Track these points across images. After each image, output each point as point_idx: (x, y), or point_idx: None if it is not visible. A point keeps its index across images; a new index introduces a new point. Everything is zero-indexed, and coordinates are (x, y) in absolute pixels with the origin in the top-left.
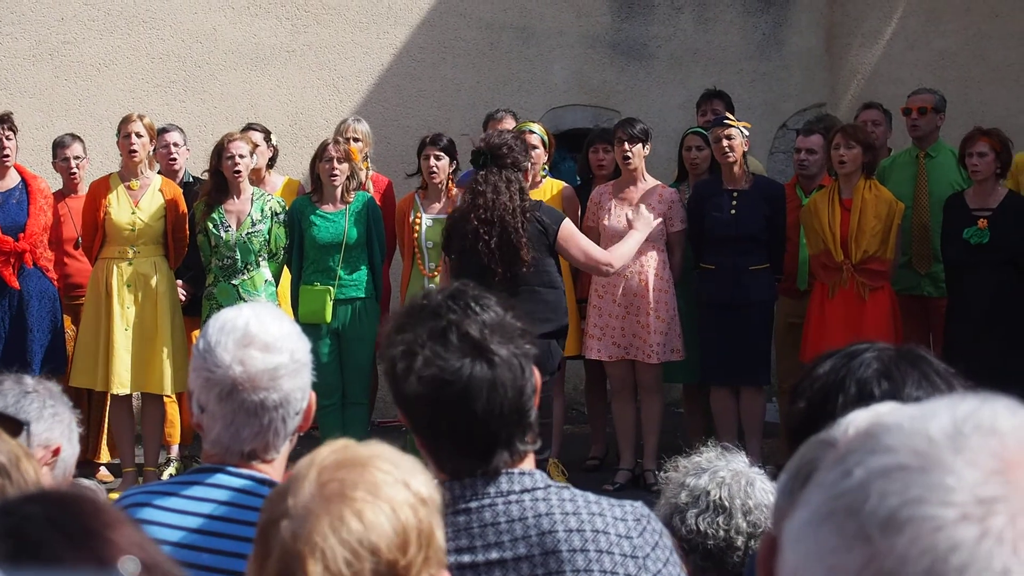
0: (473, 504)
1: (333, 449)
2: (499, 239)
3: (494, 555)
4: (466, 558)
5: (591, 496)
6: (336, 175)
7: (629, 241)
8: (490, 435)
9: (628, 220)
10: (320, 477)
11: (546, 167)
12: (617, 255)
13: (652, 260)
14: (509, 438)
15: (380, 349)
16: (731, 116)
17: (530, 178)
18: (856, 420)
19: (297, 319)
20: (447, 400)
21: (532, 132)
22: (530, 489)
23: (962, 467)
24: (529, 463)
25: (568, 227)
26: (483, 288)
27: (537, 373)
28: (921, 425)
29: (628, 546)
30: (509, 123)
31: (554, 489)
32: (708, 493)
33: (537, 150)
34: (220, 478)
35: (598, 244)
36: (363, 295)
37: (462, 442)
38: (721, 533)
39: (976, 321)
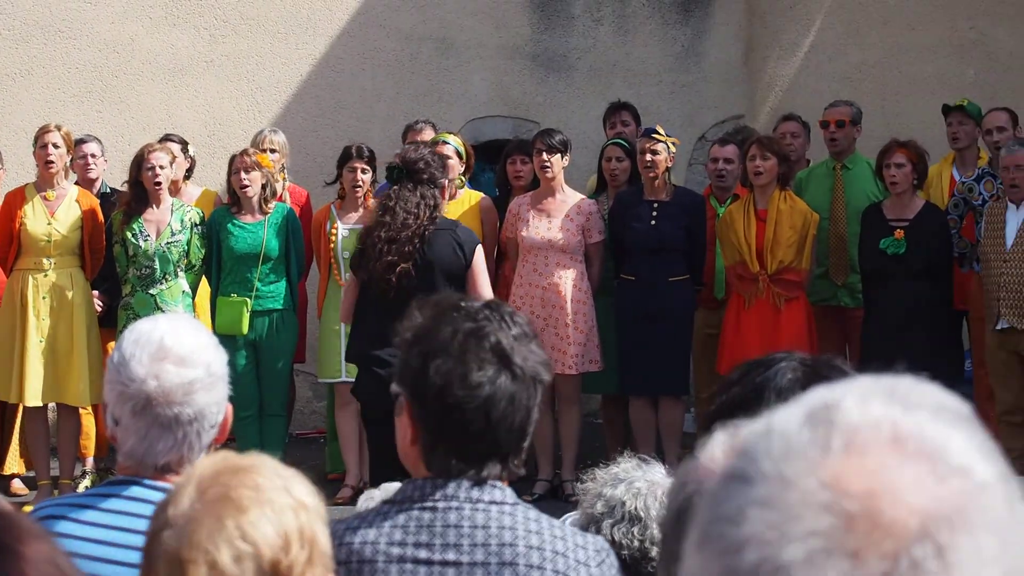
0: (440, 504)
1: (213, 460)
2: (399, 257)
3: (451, 556)
4: (423, 554)
5: (556, 522)
6: (247, 186)
7: None
8: (495, 444)
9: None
10: (200, 485)
11: (464, 178)
12: None
13: (571, 271)
14: (507, 453)
15: (400, 337)
16: (661, 130)
17: (447, 194)
18: (719, 440)
19: (214, 330)
20: (469, 401)
21: (446, 143)
22: (498, 502)
23: (776, 487)
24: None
25: (481, 255)
26: (384, 303)
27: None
28: (766, 433)
29: (585, 573)
30: (428, 134)
31: (522, 507)
32: (624, 503)
33: (451, 161)
34: (135, 491)
35: (516, 255)
36: (280, 307)
37: (466, 444)
38: (636, 543)
39: (892, 331)
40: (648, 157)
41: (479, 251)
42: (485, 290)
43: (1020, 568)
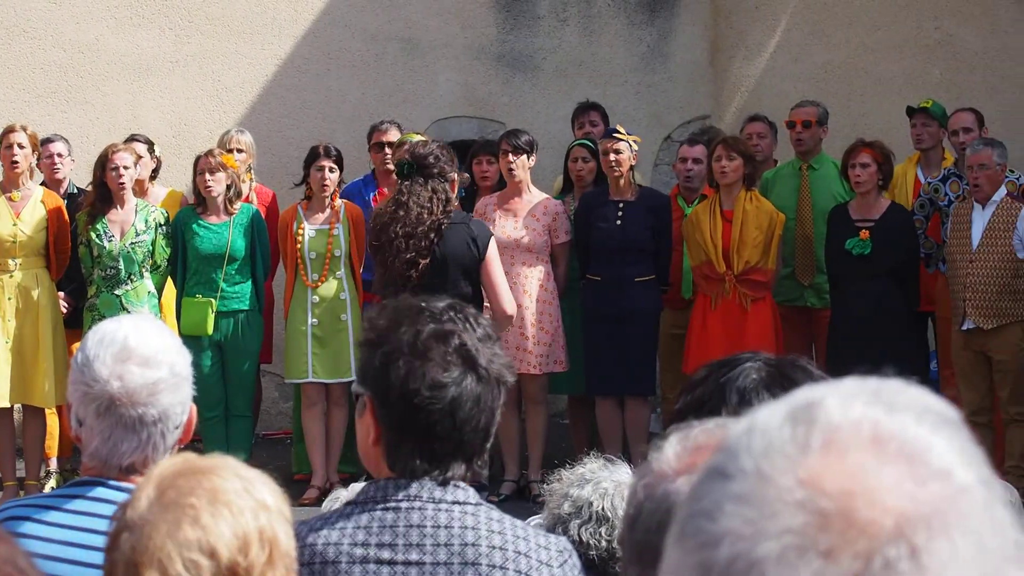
0: (403, 504)
1: (172, 462)
2: (417, 253)
3: (413, 556)
4: (385, 554)
5: (519, 522)
6: (211, 186)
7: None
8: (460, 445)
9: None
10: (159, 487)
11: None
12: (513, 314)
13: (536, 272)
14: (471, 454)
15: (363, 337)
16: (621, 130)
17: (457, 187)
18: (672, 442)
19: (180, 331)
20: (435, 402)
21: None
22: (461, 502)
23: (754, 483)
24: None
25: (494, 249)
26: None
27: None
28: (749, 430)
29: (547, 573)
30: (394, 134)
31: (484, 508)
32: (591, 504)
33: None
34: (100, 491)
35: None
36: (246, 307)
37: (431, 445)
38: (604, 544)
39: (858, 331)
40: (612, 157)
41: (493, 245)
42: (500, 283)
43: (996, 572)
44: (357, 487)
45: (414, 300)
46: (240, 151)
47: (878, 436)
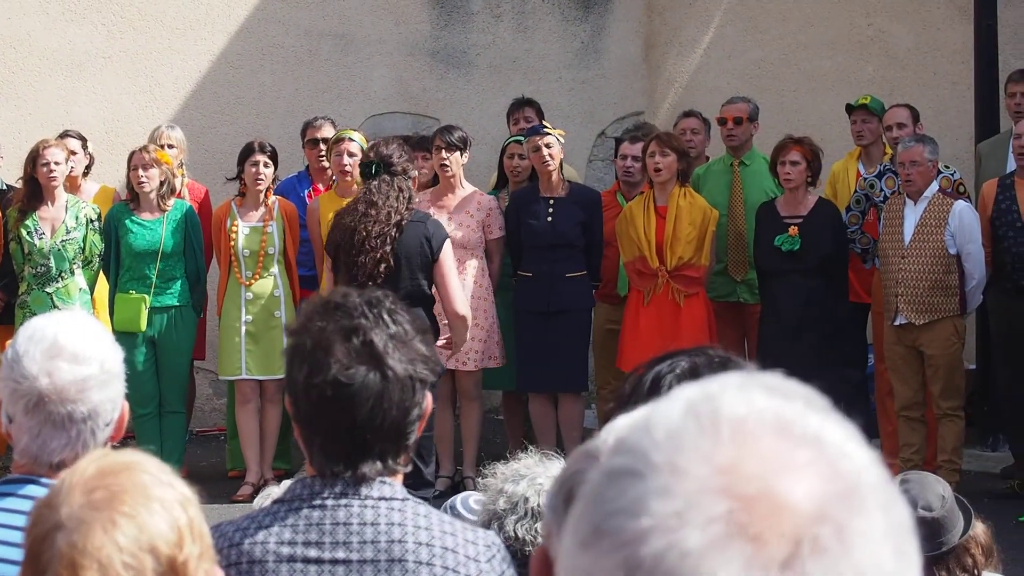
0: (329, 502)
1: (92, 459)
2: (382, 252)
3: (340, 554)
4: (312, 552)
5: (446, 517)
6: (144, 182)
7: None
8: (363, 444)
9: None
10: (86, 486)
11: None
12: (466, 315)
13: (471, 268)
14: (382, 453)
15: (288, 333)
16: (547, 124)
17: (416, 184)
18: (617, 427)
19: (113, 327)
20: (334, 400)
21: (352, 140)
22: (388, 498)
23: (670, 477)
24: (397, 480)
25: (448, 250)
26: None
27: (429, 400)
28: (646, 428)
29: (475, 569)
30: (328, 131)
31: (411, 503)
32: (527, 499)
33: (355, 157)
34: (31, 489)
35: None
36: (179, 303)
37: (334, 443)
38: (540, 539)
39: (788, 326)
40: (544, 152)
41: (447, 246)
42: (452, 285)
43: (904, 542)
44: (289, 483)
45: (337, 294)
46: (171, 147)
47: (782, 423)
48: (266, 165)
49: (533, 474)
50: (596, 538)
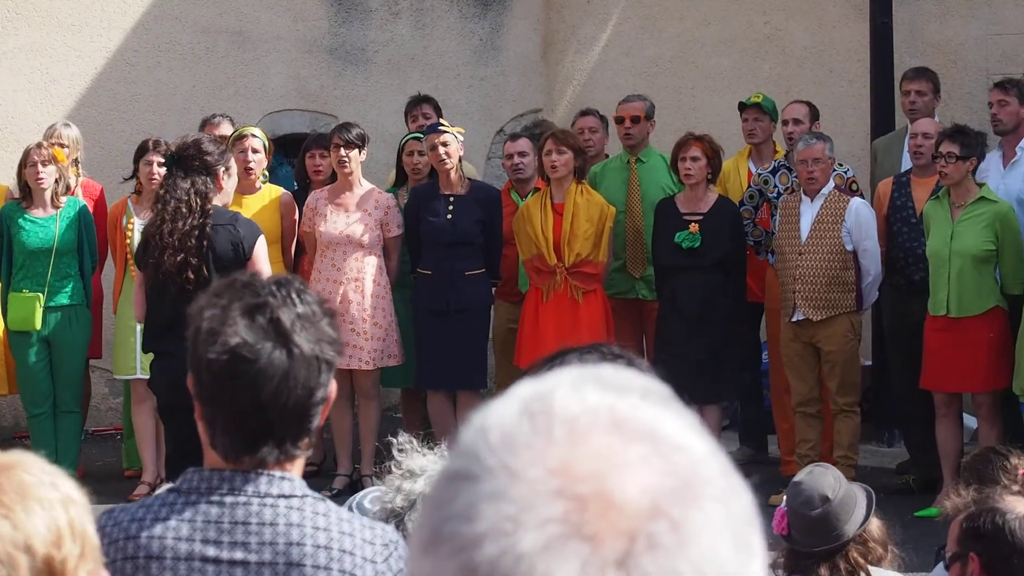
0: (228, 499)
1: None
2: (186, 254)
3: (239, 555)
4: (211, 551)
5: (345, 514)
6: (42, 179)
7: None
8: (266, 424)
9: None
10: None
11: (265, 173)
12: None
13: (370, 265)
14: (282, 435)
15: (193, 310)
16: (444, 122)
17: (223, 183)
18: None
19: (6, 326)
20: (238, 377)
21: (254, 136)
22: (287, 495)
23: (504, 480)
24: (297, 468)
25: (262, 247)
26: (170, 295)
27: (333, 385)
28: (482, 430)
29: (371, 570)
30: (226, 128)
31: (310, 500)
32: (424, 496)
33: (259, 155)
34: None
35: (315, 250)
36: (74, 302)
37: (237, 422)
38: None
39: (686, 323)
40: (441, 150)
41: (260, 242)
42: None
43: (744, 532)
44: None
45: (244, 274)
46: (64, 146)
47: (616, 419)
48: (160, 164)
49: (430, 472)
50: (435, 543)
